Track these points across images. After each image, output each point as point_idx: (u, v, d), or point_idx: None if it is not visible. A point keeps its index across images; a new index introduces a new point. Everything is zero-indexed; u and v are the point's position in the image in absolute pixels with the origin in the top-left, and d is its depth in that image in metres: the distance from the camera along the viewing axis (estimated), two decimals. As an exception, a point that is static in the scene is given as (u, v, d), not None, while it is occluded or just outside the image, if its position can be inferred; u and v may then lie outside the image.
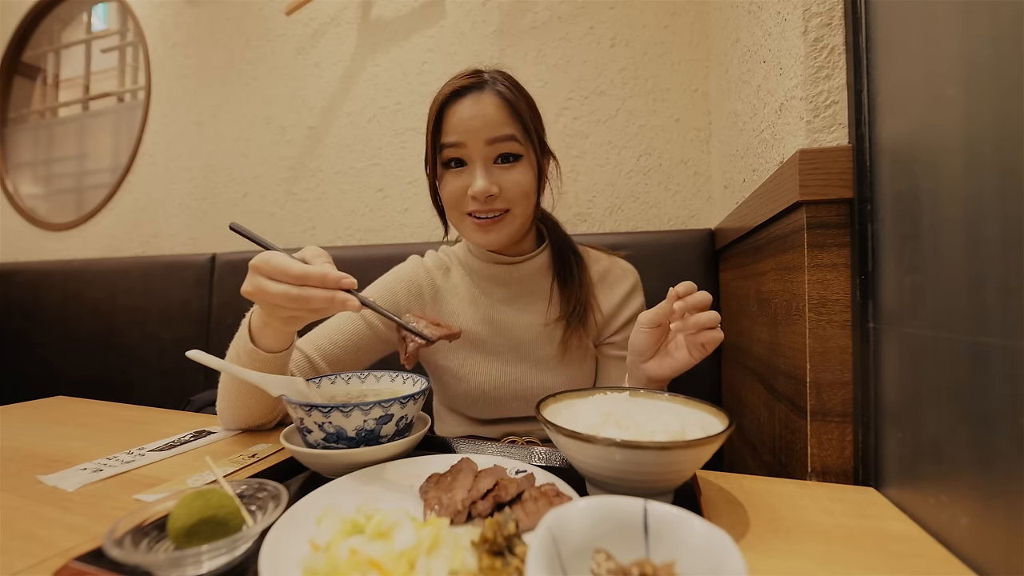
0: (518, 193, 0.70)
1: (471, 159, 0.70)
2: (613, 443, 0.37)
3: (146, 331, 1.54)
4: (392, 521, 0.32)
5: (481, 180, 0.68)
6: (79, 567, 0.34)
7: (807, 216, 0.52)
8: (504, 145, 0.69)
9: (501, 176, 0.70)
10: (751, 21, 0.75)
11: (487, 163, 0.70)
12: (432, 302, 0.82)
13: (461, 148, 0.70)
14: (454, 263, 0.85)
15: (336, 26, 1.52)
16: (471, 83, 0.70)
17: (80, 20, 2.09)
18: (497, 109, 0.69)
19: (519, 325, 0.80)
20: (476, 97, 0.70)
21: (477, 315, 0.80)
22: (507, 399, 0.79)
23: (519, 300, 0.81)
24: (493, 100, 0.70)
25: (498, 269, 0.80)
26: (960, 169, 0.37)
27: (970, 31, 0.35)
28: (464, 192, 0.70)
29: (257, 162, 1.64)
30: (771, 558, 0.35)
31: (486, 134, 0.69)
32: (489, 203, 0.70)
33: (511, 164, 0.70)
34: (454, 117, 0.70)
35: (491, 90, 0.70)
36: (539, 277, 0.82)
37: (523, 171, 0.71)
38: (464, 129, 0.69)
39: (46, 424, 0.74)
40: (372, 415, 0.49)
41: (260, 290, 0.49)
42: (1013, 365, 0.31)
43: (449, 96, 0.71)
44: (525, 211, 0.73)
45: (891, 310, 0.46)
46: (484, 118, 0.69)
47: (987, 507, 0.33)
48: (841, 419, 0.50)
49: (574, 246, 0.84)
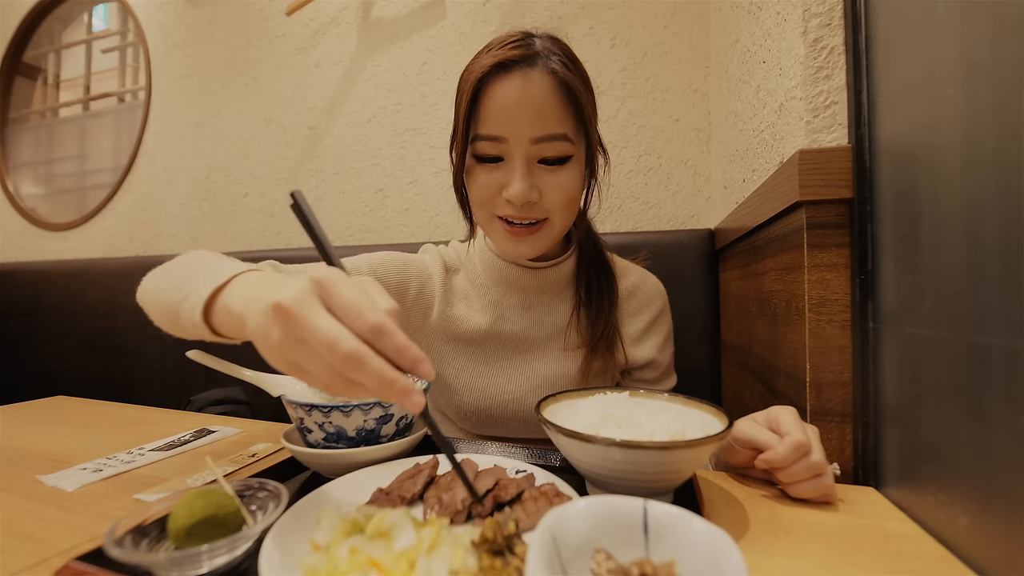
0: (561, 200, 0.60)
1: (511, 156, 0.58)
2: (613, 443, 0.37)
3: (146, 331, 1.52)
4: (392, 521, 0.32)
5: (520, 183, 0.57)
6: (79, 567, 0.33)
7: (807, 216, 0.52)
8: (553, 146, 0.58)
9: (544, 179, 0.59)
10: (751, 21, 0.75)
11: (530, 163, 0.58)
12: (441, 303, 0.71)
13: (500, 143, 0.58)
14: (464, 263, 0.75)
15: (336, 26, 1.52)
16: (520, 55, 0.57)
17: (81, 20, 2.09)
18: (550, 95, 0.56)
19: (531, 339, 0.70)
20: (524, 76, 0.56)
21: (483, 320, 0.70)
22: (504, 419, 0.70)
23: (534, 310, 0.71)
24: (546, 83, 0.56)
25: (517, 272, 0.70)
26: (960, 169, 0.37)
27: (970, 31, 0.35)
28: (498, 192, 0.60)
29: (257, 162, 1.64)
30: (771, 558, 0.35)
31: (533, 131, 0.56)
32: (526, 210, 0.59)
33: (558, 167, 0.59)
34: (495, 102, 0.57)
35: (544, 68, 0.57)
36: (562, 287, 0.71)
37: (570, 175, 0.60)
38: (507, 122, 0.57)
39: (46, 424, 0.74)
40: (372, 415, 0.49)
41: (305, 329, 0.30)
42: (1013, 365, 0.31)
43: (491, 70, 0.57)
44: (566, 220, 0.63)
45: (891, 310, 0.46)
46: (533, 109, 0.56)
47: (987, 507, 0.33)
48: (841, 419, 0.50)
49: (605, 258, 0.73)
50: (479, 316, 0.71)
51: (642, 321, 0.73)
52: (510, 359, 0.71)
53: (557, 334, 0.71)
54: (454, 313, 0.71)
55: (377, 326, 0.30)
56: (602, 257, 0.73)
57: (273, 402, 0.59)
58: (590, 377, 0.69)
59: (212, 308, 0.42)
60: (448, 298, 0.72)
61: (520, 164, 0.58)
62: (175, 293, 0.45)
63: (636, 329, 0.73)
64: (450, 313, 0.71)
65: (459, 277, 0.74)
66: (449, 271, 0.74)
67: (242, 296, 0.39)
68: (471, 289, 0.73)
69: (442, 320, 0.71)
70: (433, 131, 1.40)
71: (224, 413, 1.12)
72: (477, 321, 0.70)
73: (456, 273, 0.74)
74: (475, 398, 0.70)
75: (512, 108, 0.56)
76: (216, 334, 0.43)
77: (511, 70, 0.57)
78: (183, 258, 0.52)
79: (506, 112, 0.57)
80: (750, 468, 0.48)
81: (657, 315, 0.74)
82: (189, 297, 0.43)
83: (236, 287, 0.41)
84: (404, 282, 0.69)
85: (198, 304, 0.41)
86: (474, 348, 0.71)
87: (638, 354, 0.72)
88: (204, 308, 0.41)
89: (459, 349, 0.71)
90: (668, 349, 0.76)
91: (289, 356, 0.31)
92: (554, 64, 0.57)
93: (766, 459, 0.42)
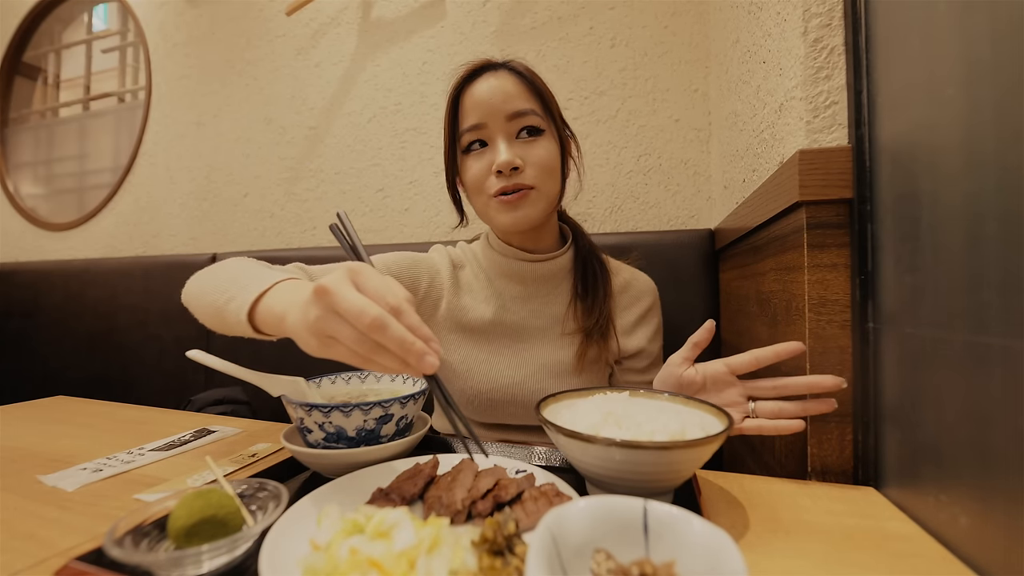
0: (543, 168, 0.69)
1: (492, 138, 0.69)
2: (613, 443, 0.37)
3: (147, 331, 1.54)
4: (392, 521, 0.32)
5: (505, 152, 0.67)
6: (79, 567, 0.34)
7: (807, 216, 0.52)
8: (525, 119, 0.68)
9: (524, 150, 0.68)
10: (751, 21, 0.75)
11: (509, 138, 0.69)
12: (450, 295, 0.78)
13: (482, 129, 0.69)
14: (469, 259, 0.82)
15: (336, 26, 1.52)
16: (486, 63, 0.70)
17: (81, 20, 2.09)
18: (515, 84, 0.69)
19: (531, 328, 0.77)
20: (493, 75, 0.69)
21: (487, 311, 0.77)
22: (505, 403, 0.75)
23: (535, 300, 0.78)
24: (509, 77, 0.69)
25: (518, 265, 0.77)
26: (960, 169, 0.37)
27: (970, 31, 0.35)
28: (488, 170, 0.69)
29: (257, 162, 1.64)
30: (771, 558, 0.35)
31: (506, 109, 0.68)
32: (514, 177, 0.68)
33: (534, 139, 0.69)
34: (471, 99, 0.69)
35: (505, 69, 0.70)
36: (559, 279, 0.78)
37: (546, 145, 0.70)
38: (483, 108, 0.68)
39: (46, 424, 0.74)
40: (372, 415, 0.49)
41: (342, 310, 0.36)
42: (1013, 365, 0.31)
43: (464, 79, 0.71)
44: (551, 189, 0.71)
45: (891, 310, 0.46)
46: (502, 95, 0.68)
47: (987, 507, 0.33)
48: (841, 419, 0.50)
49: (599, 254, 0.80)
50: (483, 306, 0.77)
51: (633, 314, 0.79)
52: (511, 346, 0.76)
53: (555, 323, 0.77)
54: (461, 303, 0.78)
55: (396, 306, 0.37)
56: (596, 252, 0.80)
57: (273, 402, 0.59)
58: (585, 363, 0.75)
59: (256, 309, 0.49)
60: (456, 290, 0.79)
61: (501, 139, 0.68)
62: (221, 295, 0.52)
63: (628, 321, 0.79)
64: (458, 303, 0.78)
65: (465, 272, 0.81)
66: (456, 267, 0.81)
67: (283, 298, 0.47)
68: (476, 282, 0.80)
69: (450, 310, 0.78)
70: (433, 131, 1.40)
71: (224, 413, 1.12)
72: (482, 311, 0.77)
73: (462, 268, 0.82)
74: (479, 382, 0.75)
75: (486, 98, 0.68)
76: (257, 331, 0.50)
77: (481, 74, 0.70)
78: (225, 264, 0.59)
79: (481, 103, 0.68)
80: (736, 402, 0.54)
81: (648, 309, 0.80)
82: (235, 299, 0.50)
83: (278, 291, 0.48)
84: (416, 277, 0.77)
85: (244, 305, 0.49)
86: (479, 336, 0.77)
87: (629, 344, 0.78)
88: (250, 309, 0.48)
89: (465, 337, 0.77)
90: (657, 341, 0.82)
91: (324, 328, 0.37)
92: (515, 66, 0.71)
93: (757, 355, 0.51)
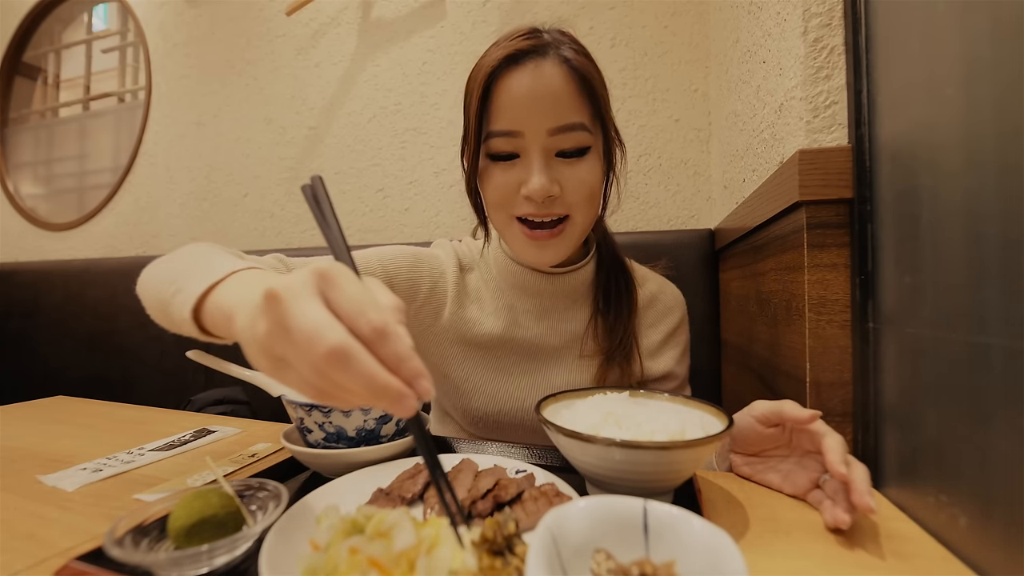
0: (582, 194, 0.57)
1: (527, 151, 0.56)
2: (613, 443, 0.37)
3: (147, 331, 1.54)
4: (392, 521, 0.32)
5: (539, 177, 0.54)
6: (79, 567, 0.33)
7: (807, 216, 0.52)
8: (572, 137, 0.55)
9: (563, 172, 0.56)
10: (751, 21, 0.75)
11: (547, 156, 0.56)
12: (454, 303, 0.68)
13: (516, 138, 0.55)
14: (478, 262, 0.72)
15: (336, 26, 1.52)
16: (530, 46, 0.54)
17: (81, 20, 2.09)
18: (565, 85, 0.54)
19: (544, 347, 0.67)
20: (536, 67, 0.54)
21: (496, 325, 0.67)
22: (511, 426, 0.68)
23: (550, 316, 0.68)
24: (559, 72, 0.54)
25: (533, 277, 0.66)
26: (959, 169, 0.37)
27: (970, 31, 0.35)
28: (516, 190, 0.57)
29: (257, 162, 1.64)
30: (771, 558, 0.35)
31: (549, 122, 0.54)
32: (547, 205, 0.56)
33: (577, 159, 0.57)
34: (507, 95, 0.55)
35: (555, 57, 0.55)
36: (579, 294, 0.68)
37: (590, 167, 0.57)
38: (521, 112, 0.54)
39: (46, 424, 0.74)
40: (372, 415, 0.49)
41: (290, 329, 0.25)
42: (1013, 365, 0.31)
43: (501, 63, 0.55)
44: (588, 217, 0.60)
45: (891, 310, 0.46)
46: (548, 99, 0.54)
47: (987, 507, 0.33)
48: (841, 419, 0.50)
49: (624, 263, 0.70)
50: (492, 320, 0.68)
51: (660, 332, 0.70)
52: (522, 366, 0.68)
53: (573, 342, 0.68)
54: (466, 315, 0.68)
55: (380, 327, 0.26)
56: (621, 262, 0.70)
57: (273, 402, 0.59)
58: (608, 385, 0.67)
59: (203, 304, 0.38)
60: (461, 299, 0.68)
61: (538, 158, 0.55)
62: (169, 286, 0.42)
63: (654, 341, 0.70)
64: (462, 315, 0.68)
65: (473, 276, 0.71)
66: (463, 269, 0.70)
67: (236, 292, 0.36)
68: (485, 291, 0.70)
69: (454, 321, 0.68)
70: (433, 131, 1.40)
71: (224, 413, 1.12)
72: (490, 326, 0.67)
73: (470, 272, 0.71)
74: (484, 403, 0.67)
75: (526, 100, 0.54)
76: (205, 332, 0.40)
77: (522, 62, 0.55)
78: (184, 250, 0.49)
79: (520, 105, 0.54)
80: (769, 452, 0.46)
81: (676, 327, 0.71)
82: (182, 291, 0.40)
83: (232, 283, 0.38)
84: (416, 279, 0.66)
85: (190, 299, 0.38)
86: (485, 353, 0.68)
87: (655, 367, 0.69)
88: (195, 304, 0.38)
89: (470, 352, 0.68)
90: (685, 362, 0.73)
91: (273, 346, 0.26)
92: (566, 52, 0.55)
93: (795, 415, 0.41)
